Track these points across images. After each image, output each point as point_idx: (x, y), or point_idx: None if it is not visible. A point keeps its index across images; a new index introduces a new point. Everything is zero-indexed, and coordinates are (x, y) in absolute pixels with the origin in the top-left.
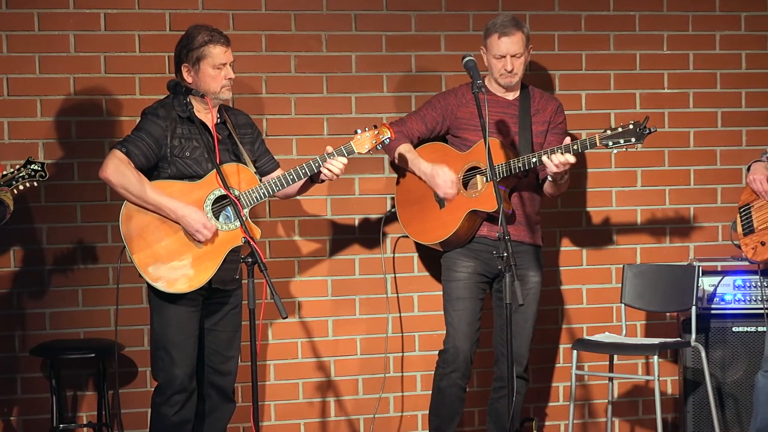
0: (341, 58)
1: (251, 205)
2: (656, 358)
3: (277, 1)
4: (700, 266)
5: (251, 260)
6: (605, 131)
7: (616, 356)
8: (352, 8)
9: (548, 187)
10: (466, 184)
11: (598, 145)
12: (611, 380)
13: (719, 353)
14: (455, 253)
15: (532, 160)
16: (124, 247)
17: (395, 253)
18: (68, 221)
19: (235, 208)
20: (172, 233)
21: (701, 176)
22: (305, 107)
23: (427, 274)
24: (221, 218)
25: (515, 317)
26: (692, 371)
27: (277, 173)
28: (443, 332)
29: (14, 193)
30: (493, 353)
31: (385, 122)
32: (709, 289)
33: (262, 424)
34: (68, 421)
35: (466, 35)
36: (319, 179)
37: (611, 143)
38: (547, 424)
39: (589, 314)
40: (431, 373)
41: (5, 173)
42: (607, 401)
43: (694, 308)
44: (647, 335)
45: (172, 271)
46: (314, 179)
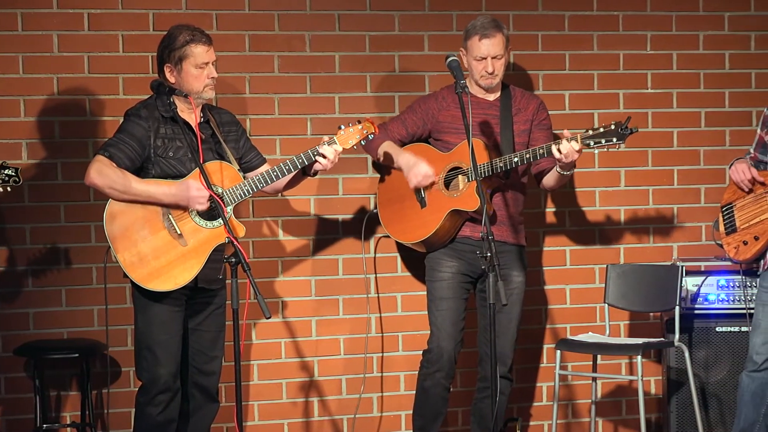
0: (325, 58)
1: (235, 202)
2: (640, 358)
3: (260, 1)
4: (683, 266)
5: (235, 260)
6: (587, 131)
7: (599, 356)
8: (335, 8)
9: (550, 179)
10: (448, 184)
11: (579, 144)
12: (595, 380)
13: (703, 353)
14: (439, 253)
15: (513, 159)
16: (108, 246)
17: (378, 253)
18: (52, 221)
19: (217, 206)
20: (156, 232)
21: (685, 176)
22: (289, 107)
23: (410, 274)
24: (206, 215)
25: (499, 317)
26: (676, 371)
27: (264, 168)
28: (427, 332)
29: None
30: (477, 353)
31: (368, 118)
32: (692, 289)
33: (245, 424)
34: (52, 421)
35: (449, 35)
36: (311, 171)
37: (593, 143)
38: (530, 424)
39: (572, 314)
40: (415, 373)
41: None
42: (590, 401)
43: (677, 308)
44: (631, 335)
45: (156, 269)
46: (306, 171)
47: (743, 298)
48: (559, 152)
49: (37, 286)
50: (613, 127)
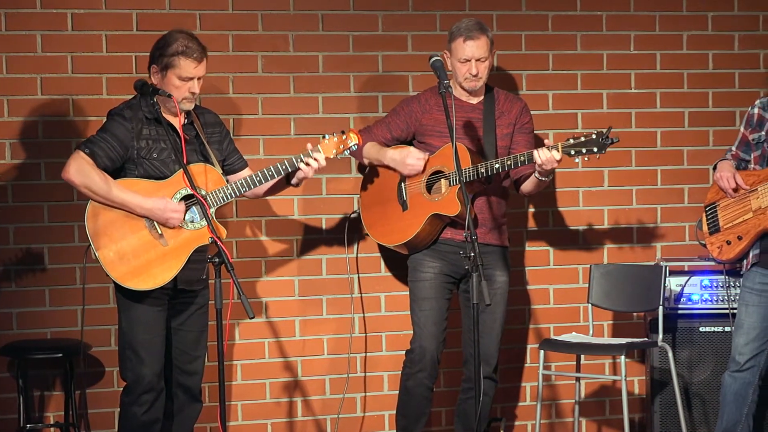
0: (308, 58)
1: (218, 205)
2: (623, 358)
3: (243, 1)
4: (666, 266)
5: (218, 260)
6: (568, 140)
7: (583, 356)
8: (318, 8)
9: (529, 184)
10: (429, 187)
11: (560, 152)
12: (578, 380)
13: (686, 353)
14: (421, 254)
15: (495, 166)
16: (89, 244)
17: (362, 253)
18: (35, 221)
19: (201, 207)
20: (137, 231)
21: (668, 176)
22: (272, 107)
23: (393, 274)
24: (187, 217)
25: (484, 318)
26: (659, 371)
27: (245, 172)
28: (410, 332)
29: None
30: (461, 353)
31: (353, 128)
32: (676, 289)
33: (229, 424)
34: (35, 421)
35: (433, 35)
36: (294, 181)
37: (573, 152)
38: (514, 424)
39: (556, 314)
40: (398, 373)
41: None
42: (574, 401)
43: (661, 308)
44: (614, 335)
45: (136, 268)
46: (289, 179)
47: (726, 298)
48: (539, 157)
49: (20, 286)
50: (594, 136)
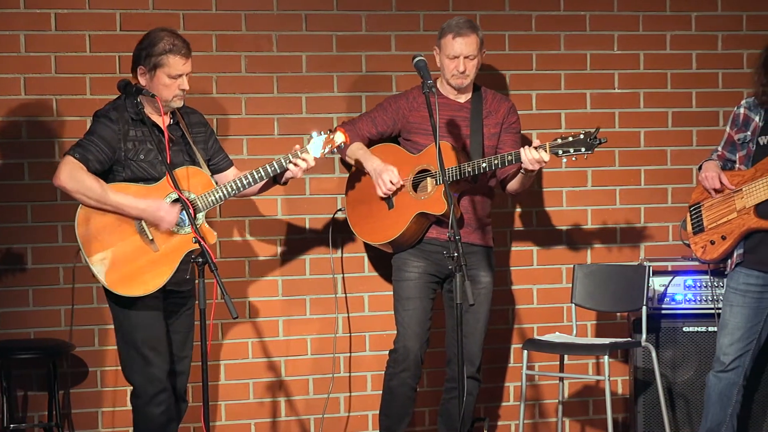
0: (292, 58)
1: (207, 208)
2: (607, 358)
3: (227, 1)
4: (650, 266)
5: (202, 260)
6: (556, 140)
7: (566, 356)
8: (302, 8)
9: (515, 182)
10: (416, 186)
11: (547, 152)
12: (562, 380)
13: (670, 353)
14: (406, 253)
15: (482, 165)
16: (78, 249)
17: (346, 253)
18: (19, 221)
19: (186, 210)
20: (128, 236)
21: (652, 176)
22: (256, 107)
23: (377, 274)
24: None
25: (467, 318)
26: (643, 371)
27: (231, 171)
28: (394, 332)
29: None
30: (444, 353)
31: (340, 126)
32: (659, 289)
33: (212, 424)
34: (19, 421)
35: (416, 35)
36: (282, 180)
37: (561, 152)
38: (497, 424)
39: (539, 314)
40: (382, 372)
41: None
42: (557, 401)
43: (644, 308)
44: (598, 335)
45: (127, 275)
46: (277, 179)
47: (710, 298)
48: (525, 156)
49: (3, 286)
50: (582, 136)
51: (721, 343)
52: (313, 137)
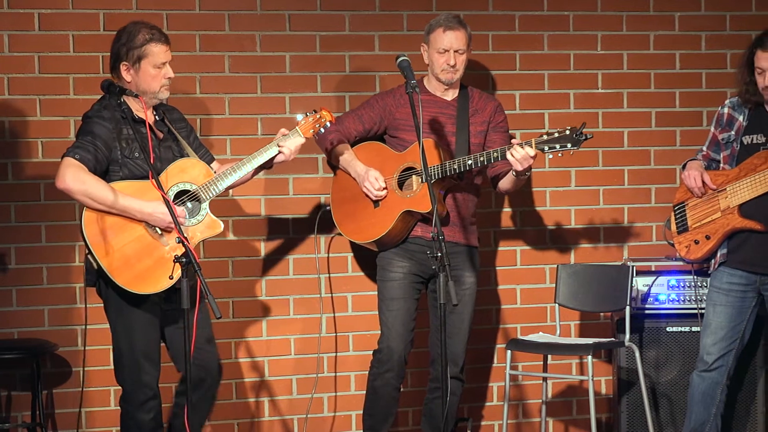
0: (275, 58)
1: (210, 197)
2: (590, 358)
3: (210, 1)
4: (634, 266)
5: (185, 260)
6: (542, 136)
7: (550, 356)
8: (286, 8)
9: (506, 182)
10: (401, 184)
11: (533, 149)
12: (545, 380)
13: (653, 353)
14: (390, 253)
15: (468, 162)
16: (88, 252)
17: (329, 253)
18: (2, 221)
19: (169, 208)
20: (135, 233)
21: (635, 176)
22: (239, 107)
23: (361, 273)
24: (187, 213)
25: (451, 318)
26: (626, 371)
27: (214, 165)
28: (377, 332)
29: None
30: (428, 353)
31: (324, 106)
32: (643, 289)
33: None
34: (2, 421)
35: (400, 35)
36: (270, 164)
37: (547, 148)
38: (481, 424)
39: (523, 314)
40: (365, 372)
41: None
42: (541, 401)
43: (628, 308)
44: (581, 335)
45: (141, 273)
46: (265, 165)
47: (694, 298)
48: (512, 156)
49: None
50: (568, 132)
51: (704, 342)
52: (300, 119)
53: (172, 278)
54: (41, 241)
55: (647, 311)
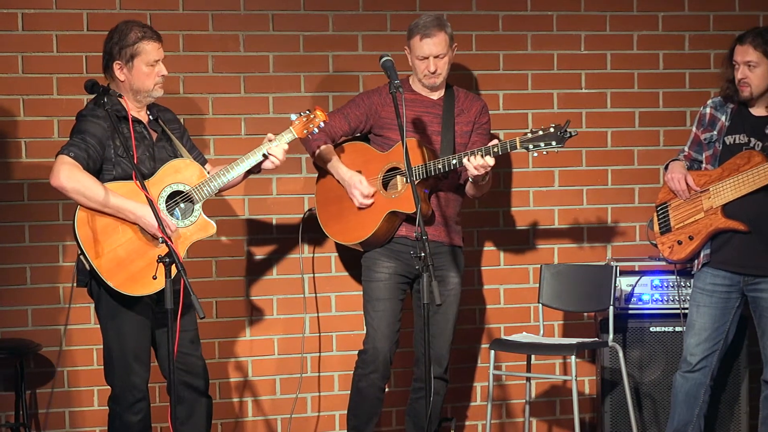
0: (259, 58)
1: (203, 199)
2: (574, 358)
3: (194, 1)
4: (617, 266)
5: (168, 260)
6: (526, 134)
7: (533, 356)
8: (269, 8)
9: (469, 188)
10: (386, 184)
11: (518, 147)
12: (529, 380)
13: (637, 353)
14: (375, 253)
15: (452, 161)
16: (80, 251)
17: (313, 253)
18: None
19: (153, 209)
20: (128, 235)
21: (619, 176)
22: (223, 107)
23: (345, 274)
24: (175, 215)
25: (436, 318)
26: (610, 371)
27: (206, 167)
28: (361, 332)
29: None
30: (413, 353)
31: (318, 106)
32: (626, 289)
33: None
34: None
35: (383, 35)
36: (258, 169)
37: (531, 146)
38: (465, 424)
39: (506, 314)
40: (349, 373)
41: None
42: (524, 401)
43: (611, 308)
44: (565, 335)
45: (133, 274)
46: (253, 169)
47: (677, 298)
48: (469, 162)
49: None
50: (552, 130)
51: (687, 343)
52: (294, 119)
53: (155, 278)
54: (25, 241)
55: (631, 311)
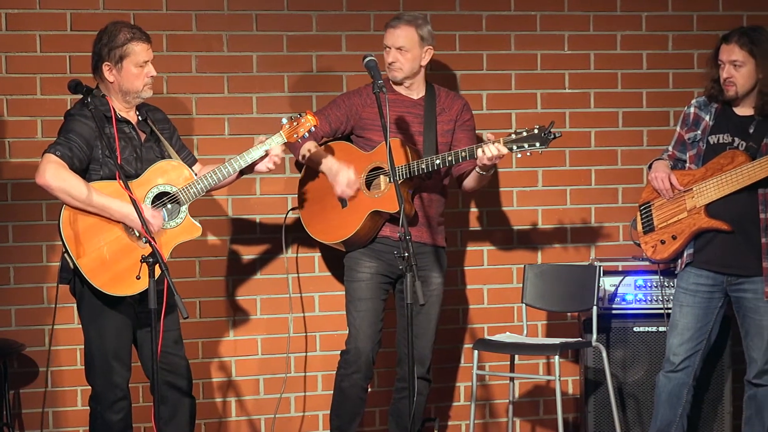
0: (242, 58)
1: (190, 201)
2: (557, 358)
3: (178, 1)
4: (601, 266)
5: (152, 260)
6: (510, 135)
7: (517, 356)
8: (253, 8)
9: (471, 180)
10: (369, 184)
11: (505, 149)
12: (512, 380)
13: (620, 353)
14: (358, 253)
15: (435, 162)
16: (64, 250)
17: (297, 253)
18: None
19: (135, 207)
20: (113, 234)
21: (602, 176)
22: (206, 107)
23: (328, 273)
24: (162, 216)
25: (418, 318)
26: (593, 371)
27: (196, 167)
28: (345, 332)
29: None
30: (395, 353)
31: (309, 110)
32: (610, 289)
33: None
34: None
35: (367, 35)
36: (251, 170)
37: (515, 147)
38: (448, 424)
39: (490, 314)
40: (333, 373)
41: None
42: (508, 401)
43: (595, 308)
44: (548, 335)
45: (117, 274)
46: (244, 171)
47: (661, 298)
48: (483, 153)
49: None
50: (536, 131)
51: (670, 343)
52: (284, 124)
53: (139, 278)
54: (8, 241)
55: (614, 311)
